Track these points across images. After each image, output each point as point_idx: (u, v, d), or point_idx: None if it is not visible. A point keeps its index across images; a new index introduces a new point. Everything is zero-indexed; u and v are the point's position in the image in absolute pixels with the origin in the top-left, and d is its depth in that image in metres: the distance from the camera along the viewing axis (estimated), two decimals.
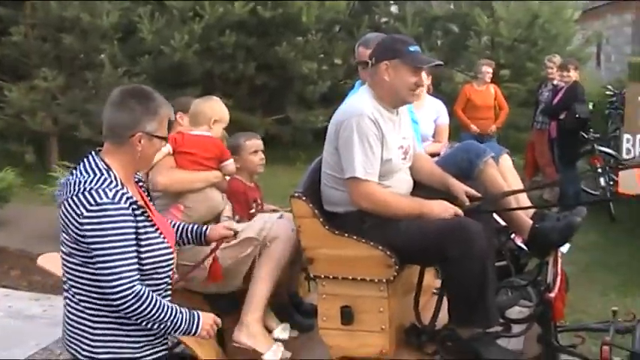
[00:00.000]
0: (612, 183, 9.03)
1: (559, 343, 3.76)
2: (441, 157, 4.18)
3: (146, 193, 3.06)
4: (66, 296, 2.90)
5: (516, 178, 3.97)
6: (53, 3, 11.04)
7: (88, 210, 2.69)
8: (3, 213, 9.11)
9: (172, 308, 2.82)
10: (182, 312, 2.85)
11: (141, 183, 3.04)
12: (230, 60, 12.49)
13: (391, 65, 3.49)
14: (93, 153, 2.86)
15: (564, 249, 4.16)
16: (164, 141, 2.94)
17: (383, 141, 3.44)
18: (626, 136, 7.25)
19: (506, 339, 3.67)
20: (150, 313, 2.75)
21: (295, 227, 3.56)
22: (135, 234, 2.76)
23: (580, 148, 9.43)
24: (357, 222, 3.46)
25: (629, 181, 6.96)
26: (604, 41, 19.16)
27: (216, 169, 4.10)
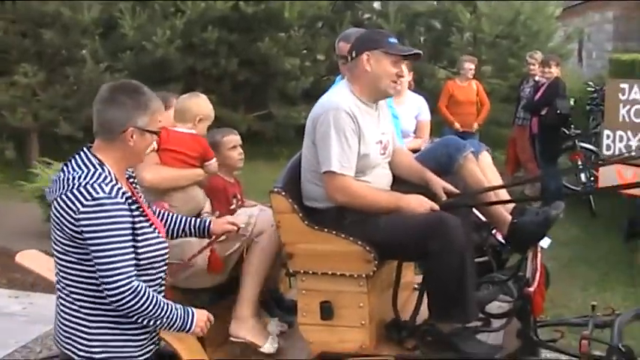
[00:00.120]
0: (593, 179, 9.09)
1: (538, 338, 3.78)
2: (421, 152, 4.18)
3: (136, 189, 3.02)
4: (59, 295, 2.85)
5: (496, 175, 3.97)
6: None
7: (84, 205, 2.65)
8: None
9: (168, 305, 2.80)
10: (177, 308, 2.83)
11: (132, 179, 3.00)
12: (212, 56, 12.45)
13: (372, 56, 3.50)
14: (84, 149, 2.82)
15: (545, 244, 4.17)
16: (156, 135, 2.91)
17: (360, 135, 3.44)
18: (606, 132, 7.28)
19: (486, 334, 3.68)
20: (146, 310, 2.73)
21: (275, 222, 3.55)
22: (131, 229, 2.73)
23: (561, 144, 9.48)
24: (337, 217, 3.46)
25: (609, 177, 7.05)
26: (585, 38, 19.27)
27: (199, 167, 4.07)
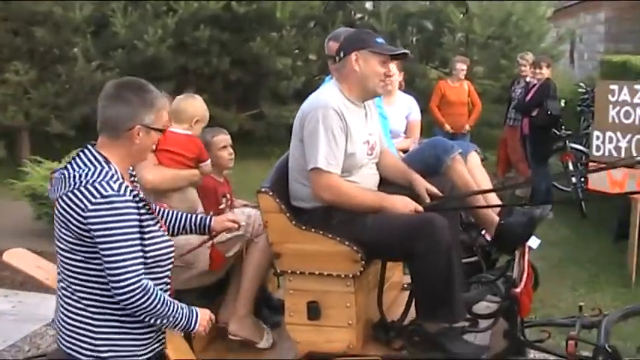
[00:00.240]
0: (583, 180, 9.11)
1: (525, 338, 3.79)
2: (409, 153, 4.19)
3: (137, 187, 3.01)
4: (63, 294, 2.81)
5: (484, 176, 3.98)
6: None
7: (93, 203, 2.62)
8: None
9: (174, 304, 2.79)
10: (182, 307, 2.82)
11: (133, 177, 2.97)
12: (204, 55, 12.44)
13: (361, 56, 3.52)
14: (89, 146, 2.79)
15: (534, 245, 4.18)
16: (160, 133, 2.89)
17: (348, 133, 3.45)
18: (595, 133, 7.30)
19: (473, 334, 3.69)
20: (155, 309, 2.71)
21: (262, 222, 3.56)
22: (139, 227, 2.71)
23: (552, 145, 9.49)
24: (325, 217, 3.46)
25: (599, 178, 7.07)
26: (577, 39, 19.32)
27: (195, 168, 4.10)
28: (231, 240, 3.77)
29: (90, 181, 2.66)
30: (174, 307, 2.78)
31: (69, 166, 2.76)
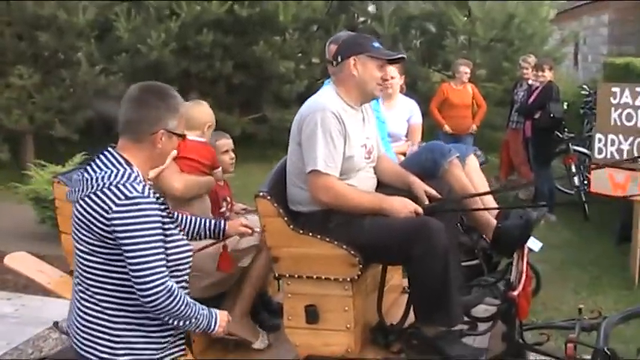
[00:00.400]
0: (586, 182, 9.12)
1: (524, 341, 3.80)
2: (407, 157, 4.21)
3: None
4: (81, 297, 2.78)
5: (482, 179, 3.99)
6: (29, 0, 10.96)
7: (117, 204, 2.62)
8: None
9: (196, 305, 2.79)
10: (203, 309, 2.82)
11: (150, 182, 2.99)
12: (207, 59, 12.44)
13: (359, 60, 3.55)
14: (110, 149, 2.78)
15: (536, 247, 4.19)
16: (181, 138, 2.89)
17: (346, 137, 3.47)
18: (597, 136, 7.30)
19: (471, 337, 3.70)
20: (178, 310, 2.70)
21: (260, 226, 3.57)
22: (162, 229, 2.70)
23: (554, 148, 9.51)
24: (322, 221, 3.48)
25: (601, 181, 7.08)
26: (581, 41, 19.29)
27: (209, 175, 4.16)
28: (246, 249, 3.82)
29: (114, 183, 2.65)
30: (196, 309, 2.78)
31: (89, 168, 2.75)
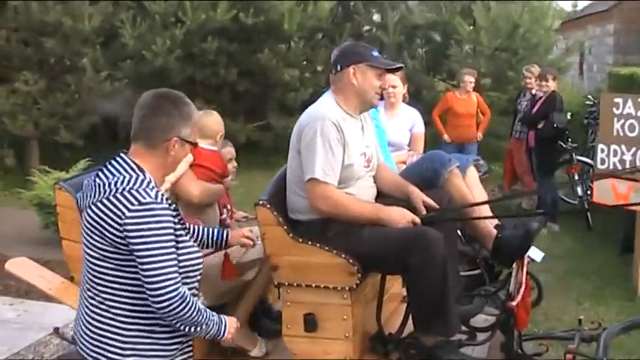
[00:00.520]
0: (589, 192, 9.10)
1: (523, 351, 3.79)
2: (407, 167, 4.21)
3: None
4: (91, 303, 2.77)
5: (481, 191, 3.99)
6: (35, 7, 10.99)
7: (130, 210, 2.61)
8: None
9: (207, 311, 2.79)
10: (213, 315, 2.83)
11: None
12: (212, 66, 12.48)
13: (358, 69, 3.57)
14: (122, 154, 2.79)
15: (538, 258, 4.19)
16: (193, 146, 2.91)
17: (345, 145, 3.48)
18: (600, 146, 7.29)
19: (470, 347, 3.70)
20: (191, 316, 2.70)
21: (260, 235, 3.58)
22: (174, 235, 2.71)
23: (558, 158, 9.50)
24: (321, 229, 3.48)
25: (603, 191, 7.07)
26: (586, 51, 19.31)
27: (220, 183, 4.22)
28: (250, 262, 3.84)
29: (127, 189, 2.65)
30: (207, 315, 2.79)
31: (101, 174, 2.75)
